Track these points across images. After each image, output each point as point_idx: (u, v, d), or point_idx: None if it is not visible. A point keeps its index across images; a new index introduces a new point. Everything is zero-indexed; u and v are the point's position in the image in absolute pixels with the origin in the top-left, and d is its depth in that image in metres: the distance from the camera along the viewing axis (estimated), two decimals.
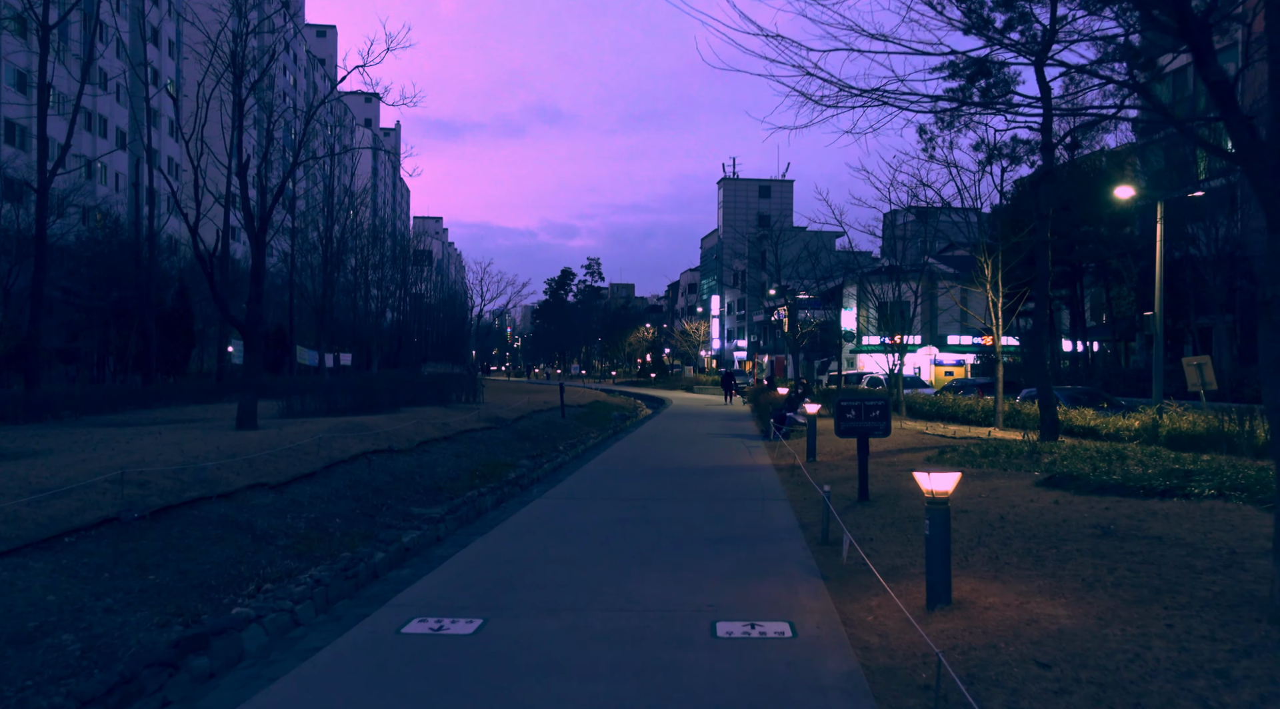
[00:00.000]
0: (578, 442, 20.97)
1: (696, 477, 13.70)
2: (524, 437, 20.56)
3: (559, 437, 21.98)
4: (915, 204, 22.57)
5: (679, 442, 20.35)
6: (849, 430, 9.97)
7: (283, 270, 59.02)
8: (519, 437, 20.36)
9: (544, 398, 32.48)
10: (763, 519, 9.65)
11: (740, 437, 20.92)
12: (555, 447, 19.74)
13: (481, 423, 20.34)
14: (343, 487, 11.58)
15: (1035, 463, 12.67)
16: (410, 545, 9.58)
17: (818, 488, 10.90)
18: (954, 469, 12.77)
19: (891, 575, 6.63)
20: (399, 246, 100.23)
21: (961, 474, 11.85)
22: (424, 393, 25.72)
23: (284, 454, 11.99)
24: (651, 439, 21.45)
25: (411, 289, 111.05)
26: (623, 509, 10.54)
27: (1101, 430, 17.67)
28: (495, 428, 20.43)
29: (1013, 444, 14.97)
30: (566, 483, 13.57)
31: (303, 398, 19.93)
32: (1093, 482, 9.59)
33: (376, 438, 14.85)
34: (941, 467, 12.69)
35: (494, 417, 21.87)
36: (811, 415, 15.03)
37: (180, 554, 7.80)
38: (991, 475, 11.52)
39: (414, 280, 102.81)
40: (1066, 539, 7.28)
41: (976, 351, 51.74)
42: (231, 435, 13.86)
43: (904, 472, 12.58)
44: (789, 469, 14.08)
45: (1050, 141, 15.89)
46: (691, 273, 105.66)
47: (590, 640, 5.36)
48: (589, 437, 22.41)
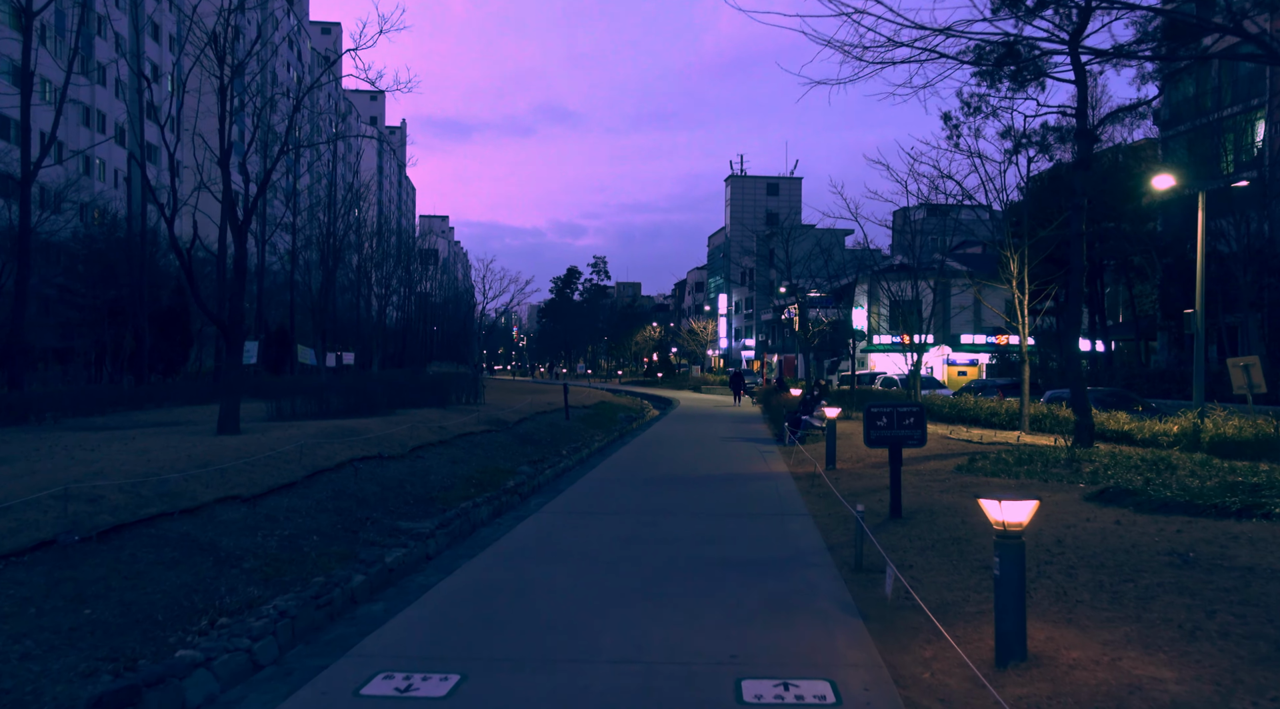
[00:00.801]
0: (582, 445, 20.02)
1: (709, 486, 12.73)
2: (525, 440, 19.62)
3: (562, 440, 21.03)
4: (935, 197, 21.57)
5: (689, 446, 19.38)
6: (880, 439, 9.00)
7: (287, 269, 58.24)
8: (520, 440, 19.41)
9: (548, 399, 31.56)
10: (785, 539, 8.68)
11: (753, 441, 19.94)
12: (558, 451, 18.78)
13: (481, 426, 19.41)
14: (324, 498, 10.64)
15: (1076, 472, 11.67)
16: (394, 565, 8.64)
17: (844, 501, 9.92)
18: (989, 478, 11.79)
19: (943, 613, 5.66)
20: (403, 244, 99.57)
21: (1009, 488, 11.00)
22: (422, 394, 24.78)
23: (262, 462, 11.05)
24: (659, 443, 20.50)
25: (416, 288, 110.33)
26: (629, 525, 9.58)
27: (1136, 435, 16.66)
28: (495, 431, 19.49)
29: (1046, 450, 13.97)
30: (568, 493, 12.62)
31: (293, 400, 19.01)
32: (1154, 498, 8.59)
33: (366, 443, 13.91)
34: (976, 476, 11.71)
35: (494, 419, 20.94)
36: (832, 420, 14.05)
37: (127, 582, 6.86)
38: (1033, 487, 10.51)
39: (419, 279, 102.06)
40: (1142, 570, 6.30)
41: (991, 351, 50.66)
42: (210, 441, 12.94)
43: (934, 481, 11.60)
44: (808, 478, 13.10)
45: (1086, 127, 14.87)
46: (699, 271, 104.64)
47: None
48: (594, 440, 21.46)
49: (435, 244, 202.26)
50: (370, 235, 66.18)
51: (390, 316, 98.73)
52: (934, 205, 34.02)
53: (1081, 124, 14.94)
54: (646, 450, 18.91)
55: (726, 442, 19.93)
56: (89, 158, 47.61)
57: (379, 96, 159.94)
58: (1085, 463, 12.55)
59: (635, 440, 21.57)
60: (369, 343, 71.68)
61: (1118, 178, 34.36)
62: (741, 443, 19.47)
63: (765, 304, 79.79)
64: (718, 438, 20.90)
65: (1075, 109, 14.93)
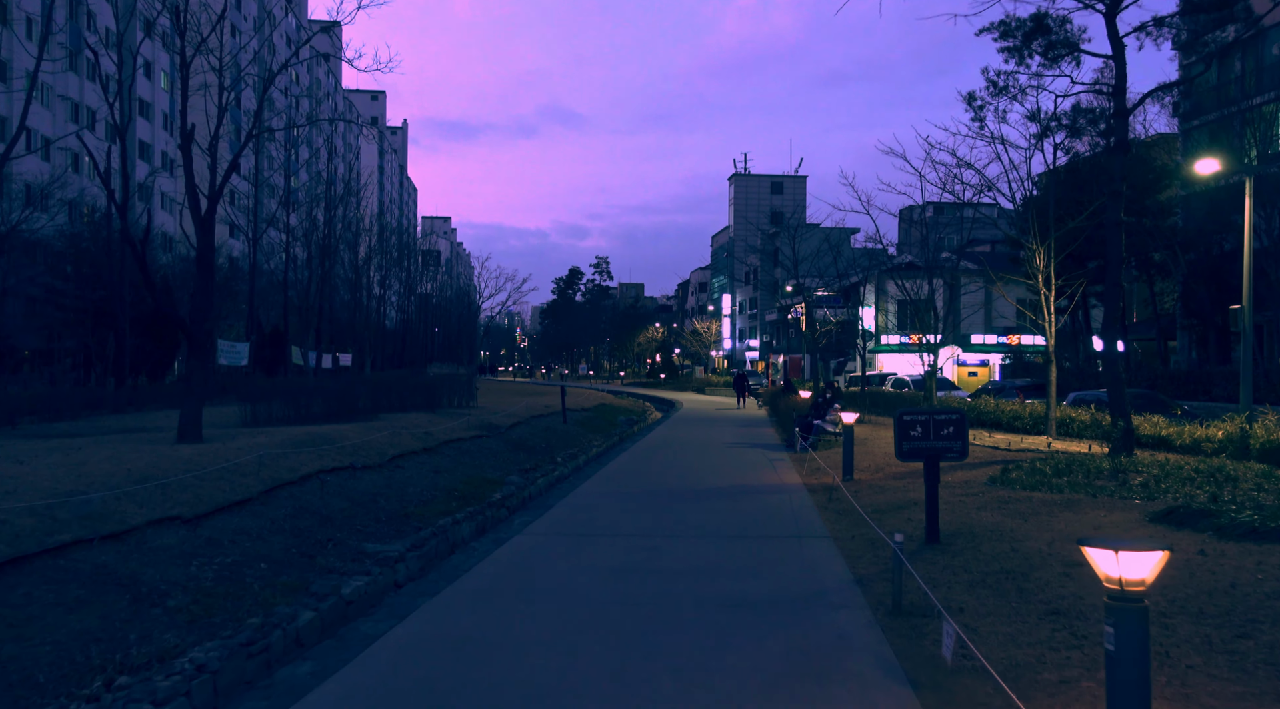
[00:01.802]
0: (579, 452, 18.80)
1: (715, 500, 11.50)
2: (518, 446, 18.41)
3: (558, 446, 19.82)
4: (953, 186, 20.34)
5: (692, 452, 18.15)
6: (914, 452, 7.77)
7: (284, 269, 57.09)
8: (512, 447, 18.20)
9: (546, 401, 30.37)
10: (806, 569, 7.45)
11: (761, 447, 18.71)
12: (553, 458, 17.57)
13: (471, 431, 18.20)
14: (282, 517, 9.43)
15: (1125, 485, 10.44)
16: (354, 597, 7.45)
17: (870, 522, 8.69)
18: (1029, 493, 10.51)
19: (1016, 679, 4.43)
20: (403, 243, 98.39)
21: (1054, 505, 9.59)
22: (411, 397, 23.57)
23: (213, 476, 9.85)
24: (661, 449, 19.28)
25: (416, 288, 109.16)
26: (623, 551, 8.36)
27: (1175, 441, 15.43)
28: (486, 436, 18.29)
29: (1084, 459, 12.73)
30: (559, 508, 11.40)
31: (270, 404, 17.81)
32: (1237, 522, 7.35)
33: (340, 452, 12.71)
34: (1013, 490, 10.42)
35: (487, 423, 19.73)
36: (849, 426, 12.81)
37: (10, 631, 5.65)
38: (1082, 504, 9.28)
39: (419, 279, 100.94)
40: (1257, 619, 5.07)
41: (1002, 351, 49.39)
42: (164, 451, 11.73)
43: (967, 496, 10.37)
44: (824, 491, 11.87)
45: (1124, 106, 13.63)
46: (702, 271, 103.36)
47: None
48: (592, 445, 20.24)
49: (437, 245, 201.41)
50: (365, 231, 64.82)
51: (390, 317, 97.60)
52: (941, 204, 32.84)
53: (1119, 102, 13.69)
54: (647, 458, 17.70)
55: (733, 448, 18.70)
56: (78, 154, 46.50)
57: (379, 97, 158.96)
58: (1133, 473, 11.31)
59: (635, 446, 20.36)
60: (368, 344, 70.55)
61: (1137, 171, 33.08)
62: (749, 449, 18.24)
63: (770, 304, 78.53)
64: (723, 444, 19.68)
65: (1112, 86, 13.69)
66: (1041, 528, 8.21)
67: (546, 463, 16.77)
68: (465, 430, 18.05)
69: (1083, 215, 17.28)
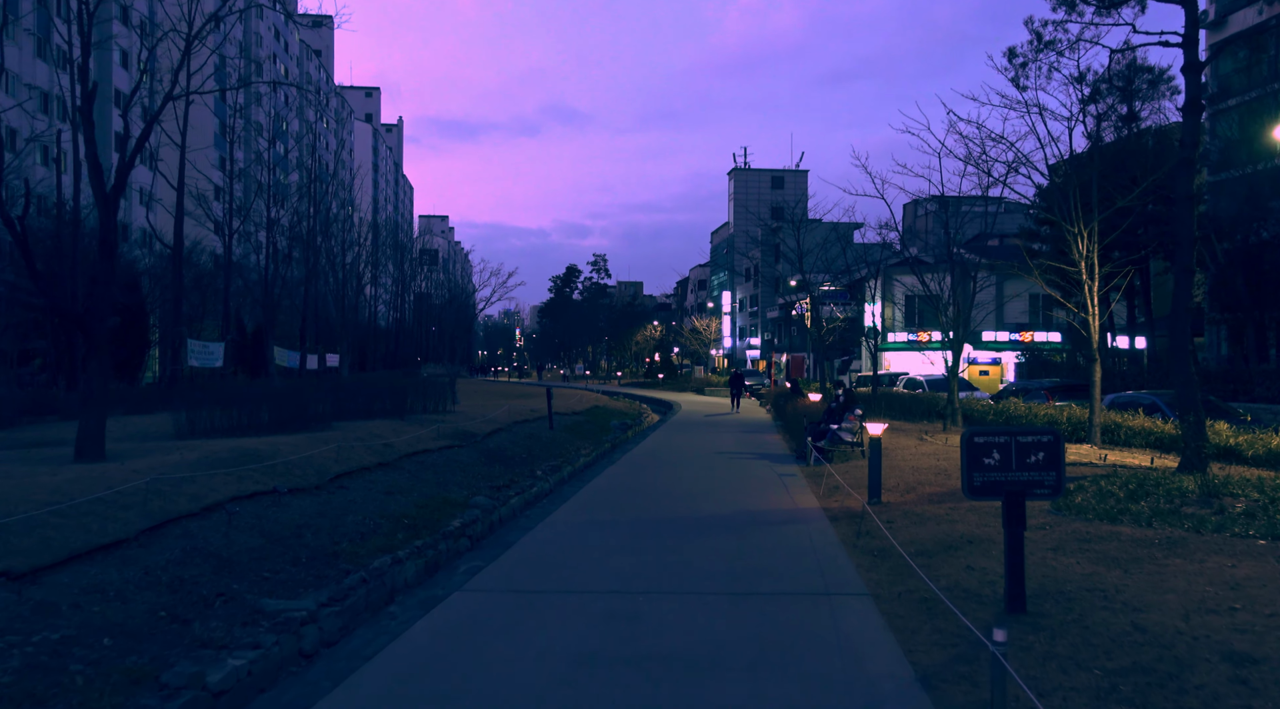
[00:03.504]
0: (563, 462, 16.73)
1: (717, 534, 9.41)
2: (494, 457, 16.34)
3: (540, 456, 17.74)
4: (981, 161, 18.24)
5: (689, 464, 16.06)
6: (990, 487, 5.67)
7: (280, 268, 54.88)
8: (487, 458, 16.13)
9: (534, 404, 28.30)
10: (845, 657, 5.35)
11: (768, 458, 16.62)
12: (532, 472, 15.49)
13: (441, 441, 16.13)
14: (163, 564, 7.35)
15: (1223, 513, 8.36)
16: (225, 686, 5.41)
17: (918, 570, 6.59)
18: (1112, 526, 8.22)
19: None
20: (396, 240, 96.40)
21: (1151, 545, 6.73)
22: (380, 401, 21.49)
23: (83, 509, 7.76)
24: (654, 461, 17.18)
25: (411, 287, 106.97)
26: (593, 620, 6.27)
27: (1246, 451, 13.38)
28: (458, 447, 16.22)
29: (1154, 476, 10.64)
30: (523, 546, 9.32)
31: (212, 412, 15.71)
32: None
33: (270, 472, 10.62)
34: (1087, 522, 8.12)
35: (461, 431, 17.65)
36: (877, 438, 10.70)
37: None
38: (1188, 544, 7.20)
39: (412, 277, 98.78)
40: None
41: (1015, 349, 47.32)
42: (42, 473, 9.64)
43: (1033, 529, 8.25)
44: (849, 519, 9.77)
45: (1196, 58, 11.55)
46: (701, 269, 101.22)
47: None
48: (578, 455, 18.16)
49: (434, 244, 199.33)
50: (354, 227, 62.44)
51: (385, 316, 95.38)
52: (955, 197, 30.79)
53: (1190, 55, 11.61)
54: (637, 472, 15.61)
55: (737, 459, 16.61)
56: (46, 147, 44.40)
57: (374, 93, 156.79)
58: (1228, 497, 9.23)
59: (627, 456, 18.27)
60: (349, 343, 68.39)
61: (1164, 157, 30.99)
62: (755, 461, 16.15)
63: (771, 301, 76.42)
64: (725, 453, 17.59)
65: (1182, 35, 11.60)
66: (1155, 584, 6.13)
67: (525, 477, 14.69)
68: (434, 440, 15.97)
69: (1134, 192, 15.18)
